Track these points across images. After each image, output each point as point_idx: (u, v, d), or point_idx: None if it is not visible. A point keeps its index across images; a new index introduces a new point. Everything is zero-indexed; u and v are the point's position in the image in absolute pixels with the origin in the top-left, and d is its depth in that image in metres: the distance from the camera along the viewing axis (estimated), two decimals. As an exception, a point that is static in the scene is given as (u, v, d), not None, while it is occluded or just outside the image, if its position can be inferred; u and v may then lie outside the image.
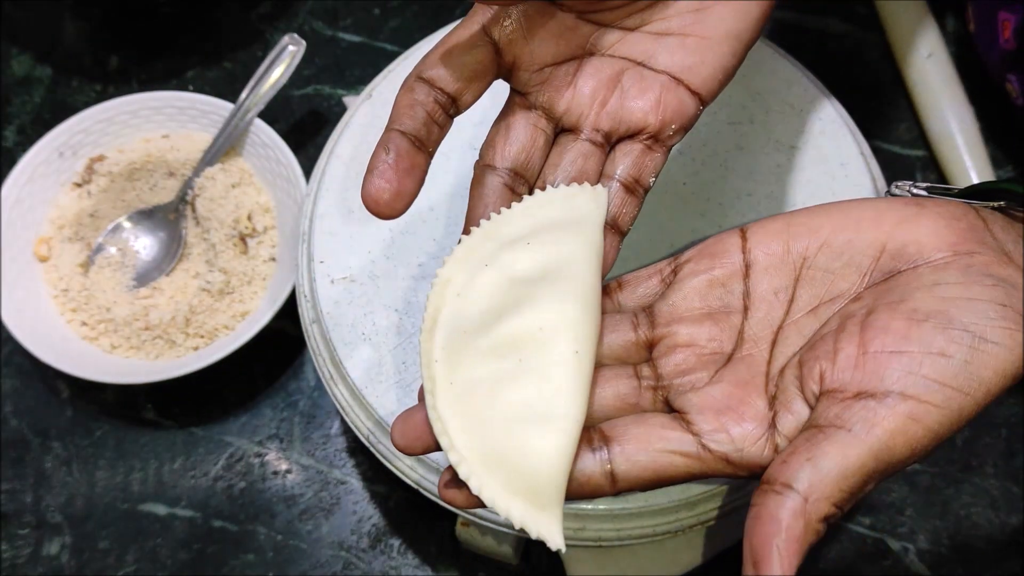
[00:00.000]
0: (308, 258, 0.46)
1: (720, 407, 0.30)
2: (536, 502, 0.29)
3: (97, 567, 0.53)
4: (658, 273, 0.34)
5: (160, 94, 0.61)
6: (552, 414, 0.29)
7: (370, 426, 0.43)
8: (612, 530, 0.41)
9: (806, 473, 0.27)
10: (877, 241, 0.30)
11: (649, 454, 0.29)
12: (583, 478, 0.29)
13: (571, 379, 0.30)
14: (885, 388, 0.28)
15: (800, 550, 0.27)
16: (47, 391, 0.58)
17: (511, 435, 0.29)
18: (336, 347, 0.44)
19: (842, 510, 0.28)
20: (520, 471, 0.29)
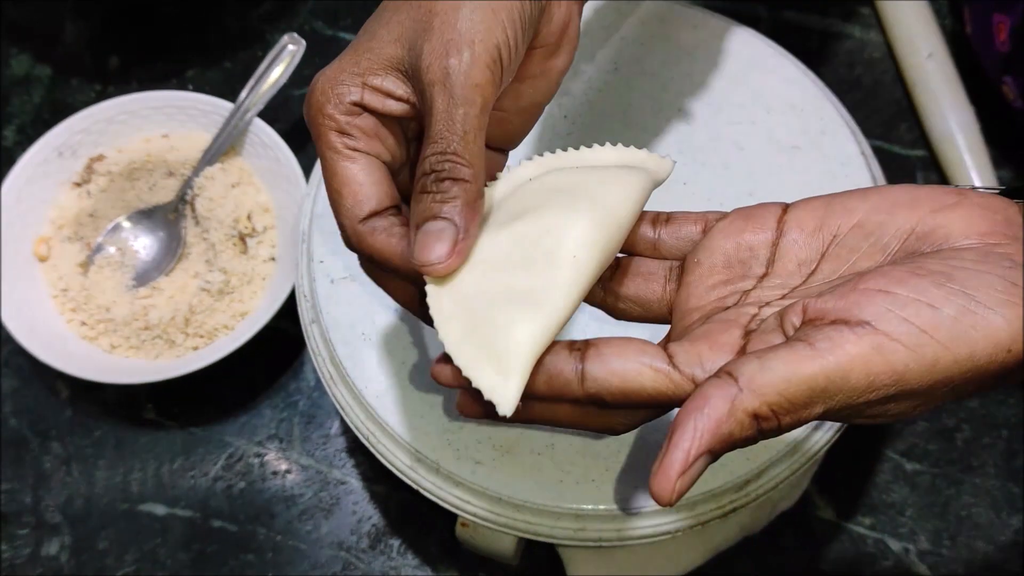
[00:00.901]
0: (308, 258, 0.46)
1: (698, 337, 0.30)
2: (499, 369, 0.29)
3: (97, 567, 0.53)
4: (703, 220, 0.34)
5: (160, 94, 0.61)
6: (537, 300, 0.30)
7: (370, 426, 0.43)
8: (612, 530, 0.41)
9: (751, 367, 0.27)
10: (908, 225, 0.30)
11: (621, 362, 0.29)
12: (555, 370, 0.29)
13: (563, 279, 0.31)
14: (860, 318, 0.27)
15: (717, 431, 0.27)
16: (47, 391, 0.58)
17: (493, 310, 0.30)
18: (336, 347, 0.44)
19: (777, 419, 0.27)
20: (493, 340, 0.30)
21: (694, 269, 0.33)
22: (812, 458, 0.42)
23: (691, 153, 0.48)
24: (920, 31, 0.64)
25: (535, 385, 0.30)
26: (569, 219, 0.32)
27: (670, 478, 0.27)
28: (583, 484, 0.41)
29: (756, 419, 0.27)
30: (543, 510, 0.41)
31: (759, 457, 0.41)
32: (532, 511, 0.41)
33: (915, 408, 0.28)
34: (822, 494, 0.54)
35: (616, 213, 0.32)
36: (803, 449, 0.42)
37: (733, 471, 0.41)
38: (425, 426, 0.42)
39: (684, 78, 0.50)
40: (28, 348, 0.53)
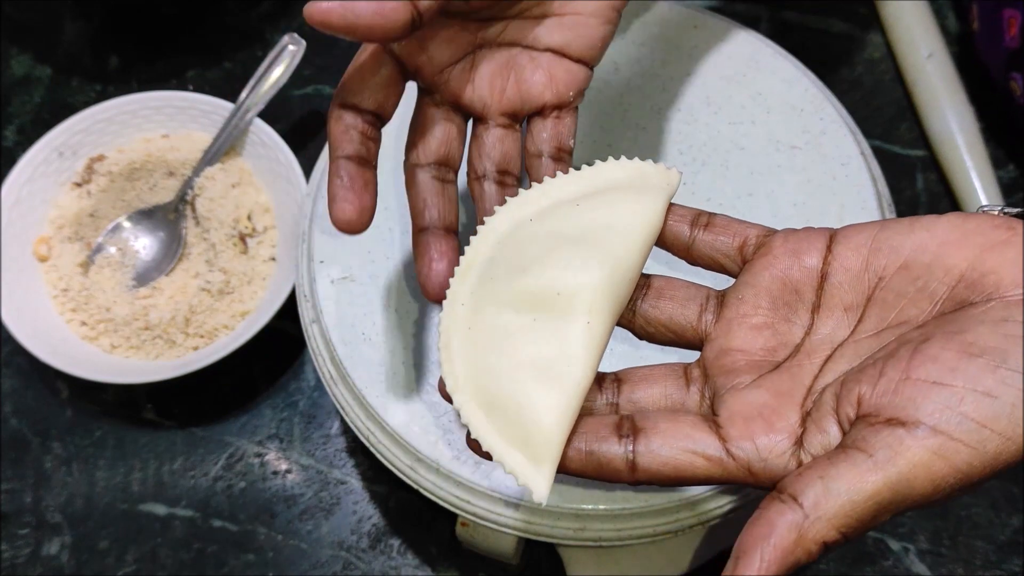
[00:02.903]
0: (308, 258, 0.46)
1: (752, 415, 0.29)
2: (530, 454, 0.29)
3: (97, 567, 0.53)
4: (742, 236, 0.33)
5: (160, 94, 0.61)
6: (556, 374, 0.30)
7: (370, 426, 0.43)
8: (612, 530, 0.41)
9: (815, 490, 0.27)
10: (956, 268, 0.29)
11: (672, 451, 0.29)
12: (605, 460, 0.29)
13: (579, 346, 0.30)
14: (917, 418, 0.26)
15: (784, 561, 0.26)
16: (47, 391, 0.58)
17: (515, 386, 0.30)
18: (336, 347, 0.44)
19: (847, 537, 0.27)
20: (518, 422, 0.29)
21: (736, 305, 0.32)
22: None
23: (691, 153, 0.48)
24: (920, 31, 0.64)
25: (584, 469, 0.29)
26: (579, 278, 0.31)
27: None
28: (583, 484, 0.41)
29: (825, 545, 0.26)
30: (543, 510, 0.41)
31: (759, 457, 0.41)
32: (532, 511, 0.41)
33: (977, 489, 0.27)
34: (822, 494, 0.54)
35: (627, 260, 0.32)
36: (803, 449, 0.42)
37: (733, 471, 0.41)
38: (425, 426, 0.42)
39: (684, 78, 0.50)
40: (28, 348, 0.53)
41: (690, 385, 0.32)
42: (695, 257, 0.33)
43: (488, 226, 0.34)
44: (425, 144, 0.37)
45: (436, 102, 0.37)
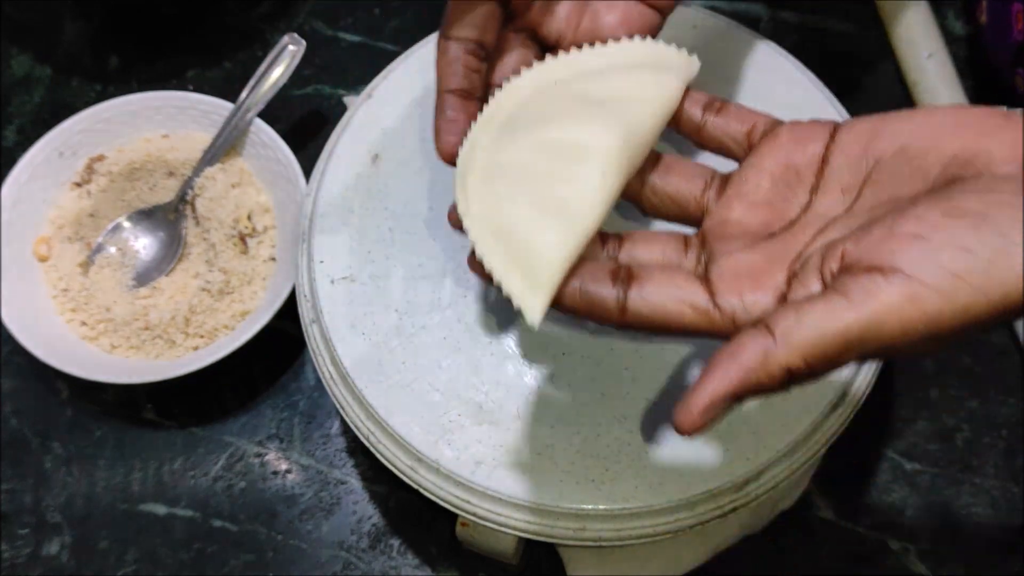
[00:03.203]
0: (308, 258, 0.46)
1: (741, 273, 0.30)
2: (528, 281, 0.31)
3: (97, 567, 0.53)
4: (751, 122, 0.35)
5: (160, 94, 0.61)
6: (565, 214, 0.31)
7: (370, 426, 0.43)
8: (612, 530, 0.41)
9: (788, 321, 0.28)
10: (950, 149, 0.30)
11: (662, 297, 0.30)
12: (598, 299, 0.30)
13: (590, 193, 0.32)
14: (895, 266, 0.27)
15: (746, 379, 0.28)
16: (47, 391, 0.58)
17: (523, 219, 0.31)
18: (336, 347, 0.44)
19: (811, 368, 0.28)
20: (522, 250, 0.31)
21: (738, 184, 0.33)
22: (812, 458, 0.42)
23: (690, 153, 0.48)
24: (920, 31, 0.64)
25: (576, 306, 0.31)
26: (597, 135, 0.33)
27: (692, 412, 0.28)
28: (583, 484, 0.41)
29: (788, 372, 0.28)
30: (543, 510, 0.41)
31: (759, 457, 0.41)
32: (532, 511, 0.41)
33: (944, 345, 0.28)
34: (822, 494, 0.54)
35: (643, 127, 0.34)
36: (803, 449, 0.42)
37: (733, 471, 0.41)
38: (425, 426, 0.42)
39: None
40: (28, 348, 0.53)
41: (688, 250, 0.33)
42: (705, 139, 0.35)
43: (514, 83, 0.36)
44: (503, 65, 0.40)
45: (516, 28, 0.40)
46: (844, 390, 0.42)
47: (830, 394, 0.42)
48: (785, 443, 0.41)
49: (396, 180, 0.47)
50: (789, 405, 0.42)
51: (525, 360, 0.43)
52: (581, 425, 0.42)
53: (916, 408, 0.56)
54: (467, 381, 0.43)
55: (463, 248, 0.45)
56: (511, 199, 0.32)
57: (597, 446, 0.41)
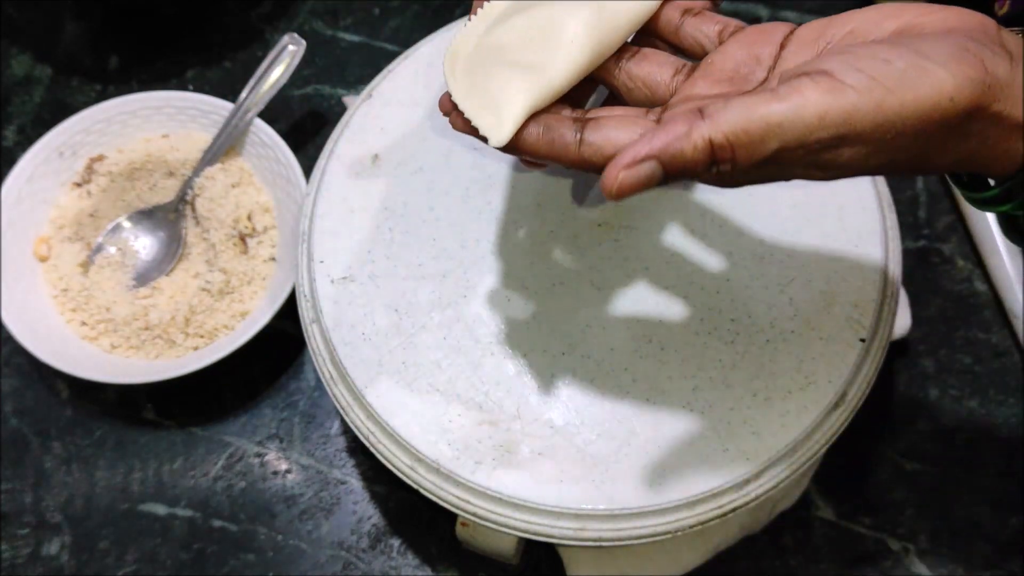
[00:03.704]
0: (308, 258, 0.46)
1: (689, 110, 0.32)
2: (498, 117, 0.34)
3: (97, 567, 0.53)
4: (722, 25, 0.37)
5: (160, 94, 0.61)
6: (535, 73, 0.35)
7: (370, 426, 0.43)
8: (612, 530, 0.41)
9: (717, 104, 0.30)
10: (892, 26, 0.33)
11: (617, 131, 0.33)
12: (557, 136, 0.34)
13: (561, 54, 0.35)
14: (819, 68, 0.30)
15: (668, 145, 0.30)
16: (47, 391, 0.58)
17: (498, 74, 0.35)
18: (336, 347, 0.44)
19: (732, 150, 0.30)
20: (493, 95, 0.35)
21: (704, 67, 0.36)
22: (812, 458, 0.42)
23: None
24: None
25: (537, 145, 0.34)
26: (572, 10, 0.36)
27: (617, 166, 0.30)
28: (583, 484, 0.41)
29: (711, 147, 0.30)
30: (543, 510, 0.41)
31: (759, 457, 0.41)
32: (532, 511, 0.41)
33: (868, 156, 0.30)
34: (822, 494, 0.54)
35: (620, 13, 0.36)
36: (803, 449, 0.42)
37: (733, 471, 0.41)
38: (425, 426, 0.42)
39: (684, 78, 0.50)
40: (28, 348, 0.53)
41: (648, 114, 0.35)
42: (681, 39, 0.38)
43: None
44: None
45: None
46: (844, 390, 0.42)
47: (830, 394, 0.42)
48: (785, 443, 0.41)
49: (396, 180, 0.47)
50: (789, 405, 0.42)
51: (525, 360, 0.43)
52: (581, 425, 0.42)
53: (916, 408, 0.56)
54: (467, 381, 0.43)
55: (463, 248, 0.46)
56: (490, 63, 0.36)
57: (597, 446, 0.41)
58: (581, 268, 0.45)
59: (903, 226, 0.60)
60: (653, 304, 0.44)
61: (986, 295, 0.59)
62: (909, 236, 0.60)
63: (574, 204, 0.47)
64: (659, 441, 0.41)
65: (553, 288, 0.45)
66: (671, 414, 0.42)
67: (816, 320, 0.43)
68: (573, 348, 0.43)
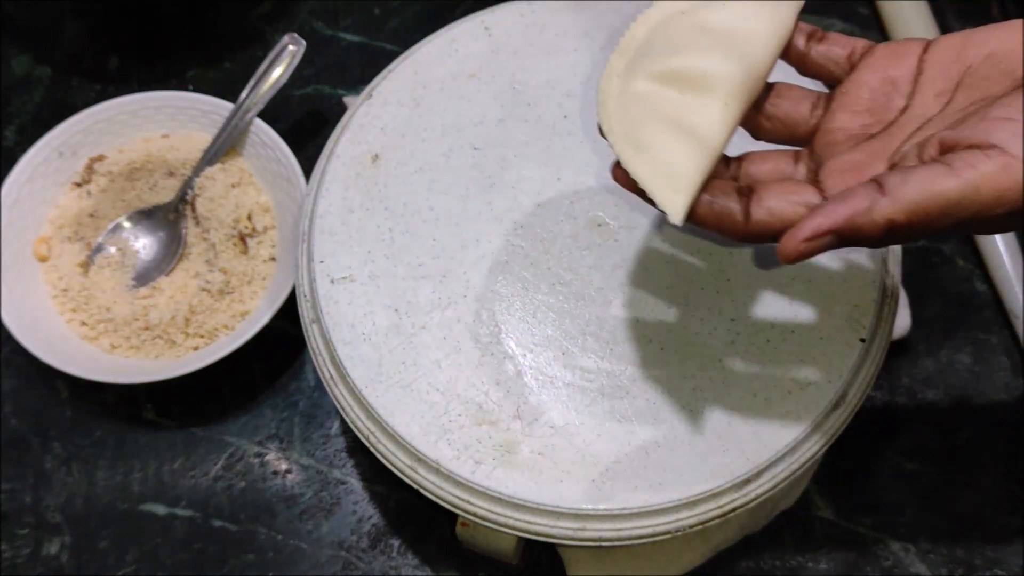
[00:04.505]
0: (308, 258, 0.46)
1: (846, 169, 0.34)
2: (671, 185, 0.34)
3: (97, 567, 0.53)
4: (850, 47, 0.37)
5: (160, 94, 0.61)
6: (697, 135, 0.35)
7: (370, 426, 0.43)
8: (612, 530, 0.41)
9: (895, 180, 0.31)
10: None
11: (780, 203, 0.33)
12: (726, 211, 0.34)
13: (717, 119, 0.35)
14: (989, 142, 0.30)
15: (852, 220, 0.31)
16: (47, 391, 0.58)
17: (660, 137, 0.35)
18: (336, 347, 0.44)
19: (910, 227, 0.31)
20: (662, 162, 0.34)
21: (840, 98, 0.36)
22: (812, 458, 0.42)
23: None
24: (920, 31, 0.64)
25: (706, 217, 0.34)
26: (721, 66, 0.35)
27: (796, 238, 0.31)
28: (583, 484, 0.41)
29: (890, 224, 0.31)
30: (543, 510, 0.41)
31: (759, 457, 0.41)
32: (532, 511, 0.41)
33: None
34: (822, 494, 0.54)
35: (762, 60, 0.36)
36: (803, 449, 0.42)
37: (733, 471, 0.41)
38: (425, 426, 0.42)
39: (684, 78, 0.50)
40: (28, 348, 0.53)
41: (798, 162, 0.36)
42: (809, 65, 0.38)
43: (646, 13, 0.38)
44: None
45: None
46: (844, 390, 0.42)
47: (830, 394, 0.42)
48: (785, 443, 0.41)
49: (396, 180, 0.48)
50: (789, 405, 0.42)
51: (525, 360, 0.43)
52: (581, 425, 0.42)
53: (916, 408, 0.56)
54: (467, 381, 0.43)
55: (463, 248, 0.46)
56: (647, 123, 0.35)
57: (597, 446, 0.41)
58: (581, 268, 0.45)
59: (903, 226, 0.60)
60: (653, 304, 0.44)
61: (986, 295, 0.59)
62: (909, 236, 0.60)
63: (574, 204, 0.47)
64: (659, 441, 0.41)
65: (553, 288, 0.45)
66: (671, 414, 0.42)
67: (816, 320, 0.44)
68: (573, 347, 0.43)
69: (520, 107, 0.49)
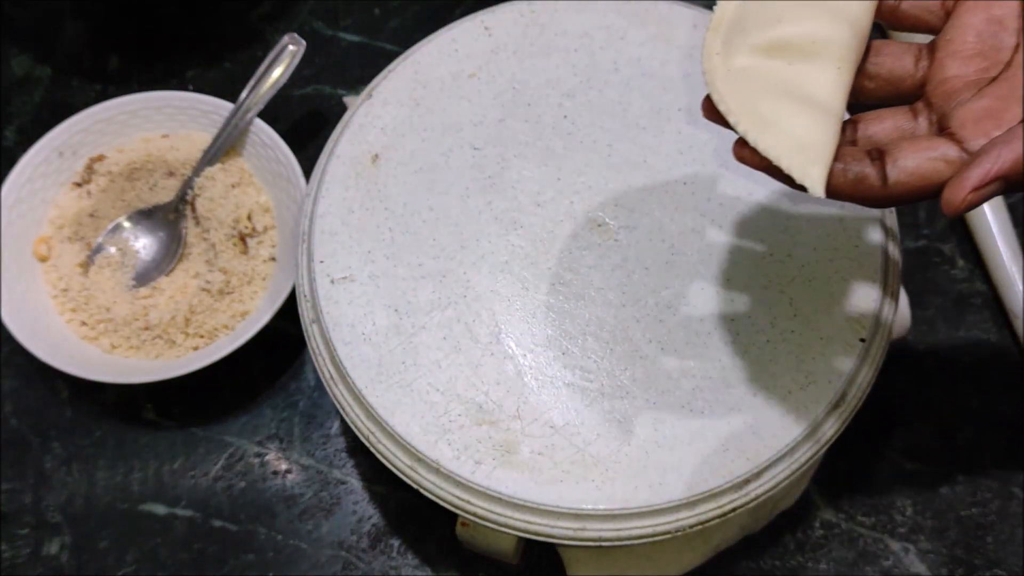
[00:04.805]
0: (308, 258, 0.46)
1: (981, 117, 0.33)
2: (804, 157, 0.33)
3: (97, 567, 0.53)
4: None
5: (160, 94, 0.61)
6: (818, 104, 0.34)
7: (370, 426, 0.43)
8: (612, 530, 0.41)
9: None
10: None
11: (917, 160, 0.32)
12: (861, 175, 0.33)
13: (834, 85, 0.34)
14: None
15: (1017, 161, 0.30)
16: (47, 391, 0.58)
17: (783, 110, 0.33)
18: (336, 347, 0.44)
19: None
20: (788, 135, 0.33)
21: (945, 46, 0.35)
22: (812, 458, 0.42)
23: (691, 153, 0.48)
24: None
25: (841, 187, 0.33)
26: (829, 31, 0.35)
27: (964, 188, 0.30)
28: (583, 484, 0.41)
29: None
30: (543, 510, 0.41)
31: (759, 457, 0.41)
32: (532, 511, 0.41)
33: None
34: (822, 494, 0.54)
35: (864, 22, 0.36)
36: (803, 449, 0.42)
37: (733, 471, 0.41)
38: (425, 426, 0.42)
39: (684, 78, 0.50)
40: (28, 348, 0.53)
41: (917, 117, 0.35)
42: (901, 18, 0.37)
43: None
44: None
45: None
46: (844, 390, 0.42)
47: (830, 394, 0.42)
48: (785, 443, 0.41)
49: (396, 180, 0.48)
50: (789, 405, 0.42)
51: (525, 360, 0.43)
52: (581, 425, 0.42)
53: (916, 408, 0.56)
54: (467, 381, 0.43)
55: (463, 248, 0.46)
56: (763, 98, 0.34)
57: (597, 446, 0.41)
58: (581, 268, 0.45)
59: (903, 226, 0.60)
60: (653, 304, 0.44)
61: (986, 295, 0.59)
62: (909, 236, 0.60)
63: (574, 204, 0.47)
64: (659, 441, 0.41)
65: (553, 288, 0.45)
66: (671, 414, 0.42)
67: (816, 320, 0.44)
68: (573, 347, 0.43)
69: (520, 107, 0.49)
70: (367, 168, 0.48)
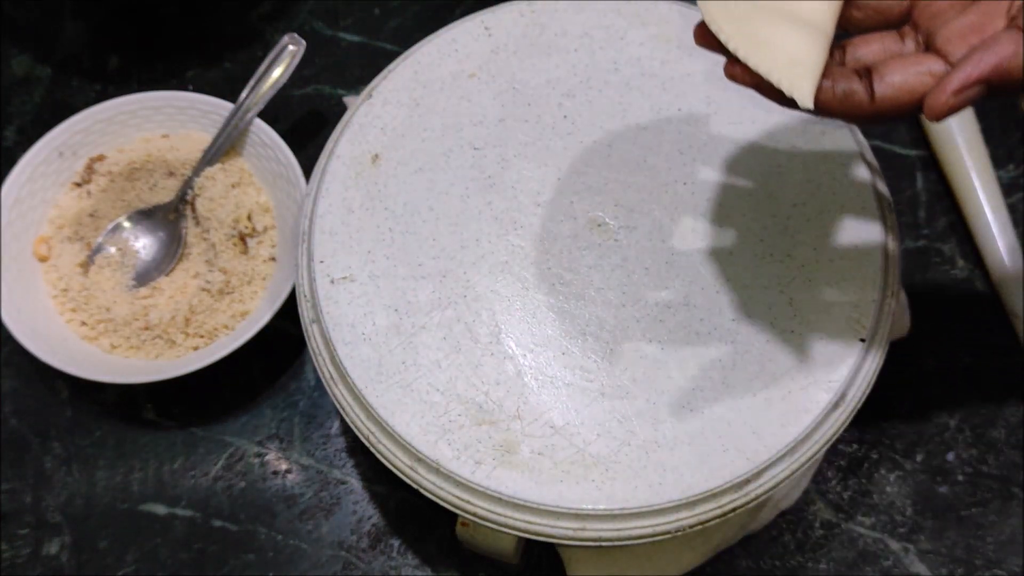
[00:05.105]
0: (308, 258, 0.46)
1: (965, 32, 0.33)
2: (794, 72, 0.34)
3: (97, 567, 0.53)
4: None
5: (160, 94, 0.61)
6: (806, 24, 0.35)
7: (370, 426, 0.43)
8: (612, 530, 0.41)
9: None
10: None
11: (905, 75, 0.33)
12: (849, 91, 0.33)
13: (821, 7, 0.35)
14: None
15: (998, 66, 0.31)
16: (47, 391, 0.58)
17: (772, 29, 0.34)
18: (336, 347, 0.44)
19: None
20: (779, 52, 0.34)
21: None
22: (812, 458, 0.42)
23: (691, 153, 0.48)
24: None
25: (830, 103, 0.34)
26: None
27: (945, 91, 0.31)
28: (583, 484, 0.41)
29: None
30: (543, 510, 0.41)
31: (759, 457, 0.41)
32: (532, 511, 0.41)
33: None
34: (822, 494, 0.54)
35: None
36: (803, 449, 0.42)
37: (733, 471, 0.41)
38: (425, 426, 0.42)
39: (684, 78, 0.50)
40: (28, 348, 0.53)
41: (904, 39, 0.36)
42: None
43: None
44: None
45: None
46: (844, 390, 0.42)
47: (830, 394, 0.42)
48: (785, 443, 0.41)
49: (396, 180, 0.48)
50: (789, 405, 0.42)
51: (525, 360, 0.43)
52: (581, 425, 0.42)
53: (916, 408, 0.56)
54: (467, 381, 0.43)
55: (463, 248, 0.46)
56: (755, 19, 0.35)
57: (597, 446, 0.41)
58: (581, 268, 0.45)
59: (903, 226, 0.60)
60: (653, 304, 0.44)
61: (986, 295, 0.59)
62: (909, 236, 0.60)
63: (574, 204, 0.47)
64: (659, 441, 0.41)
65: (553, 288, 0.45)
66: (671, 414, 0.42)
67: (816, 320, 0.44)
68: (573, 347, 0.43)
69: (520, 107, 0.49)
70: (367, 168, 0.48)
